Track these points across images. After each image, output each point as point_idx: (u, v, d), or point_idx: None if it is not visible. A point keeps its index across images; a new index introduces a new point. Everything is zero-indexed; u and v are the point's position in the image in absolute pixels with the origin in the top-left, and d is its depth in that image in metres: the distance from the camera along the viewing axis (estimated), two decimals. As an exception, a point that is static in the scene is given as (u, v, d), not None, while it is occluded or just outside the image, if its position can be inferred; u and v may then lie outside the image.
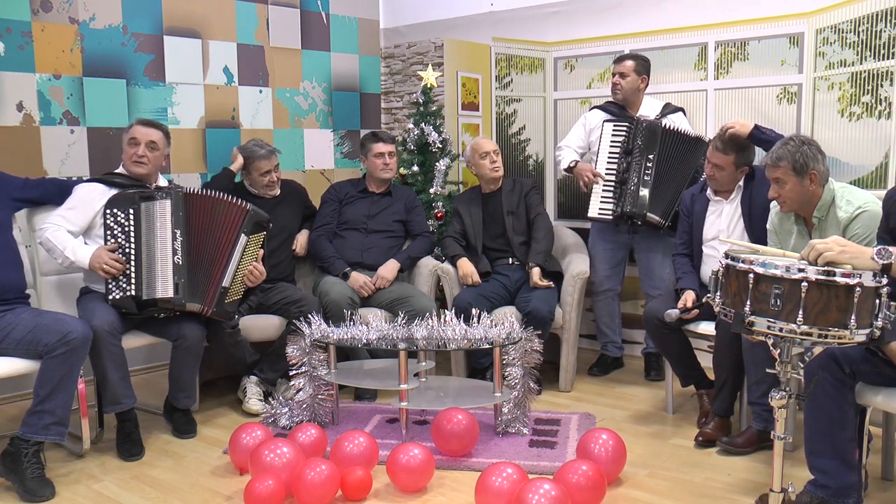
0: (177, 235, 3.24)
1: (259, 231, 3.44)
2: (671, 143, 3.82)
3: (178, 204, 3.26)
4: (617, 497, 2.77)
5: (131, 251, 3.22)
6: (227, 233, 3.35)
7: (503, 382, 3.31)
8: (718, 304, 2.25)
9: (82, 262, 3.17)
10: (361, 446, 2.86)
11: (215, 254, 3.33)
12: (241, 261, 3.37)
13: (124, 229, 3.23)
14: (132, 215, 3.24)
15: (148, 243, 3.23)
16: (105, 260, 3.15)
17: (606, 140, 3.95)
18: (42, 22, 3.88)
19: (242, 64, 4.68)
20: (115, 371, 3.11)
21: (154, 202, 3.25)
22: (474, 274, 3.99)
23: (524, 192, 4.17)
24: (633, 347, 4.45)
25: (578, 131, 4.18)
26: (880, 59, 3.54)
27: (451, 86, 5.03)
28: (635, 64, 3.96)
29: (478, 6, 4.90)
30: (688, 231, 3.55)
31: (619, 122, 3.93)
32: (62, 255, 3.17)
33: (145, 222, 3.24)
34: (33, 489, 2.79)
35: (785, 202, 2.83)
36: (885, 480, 2.85)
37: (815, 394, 2.44)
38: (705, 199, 3.48)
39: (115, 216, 3.23)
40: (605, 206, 3.91)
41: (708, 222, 3.46)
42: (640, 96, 4.02)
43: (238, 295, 3.42)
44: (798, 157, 2.74)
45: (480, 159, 4.12)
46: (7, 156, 3.79)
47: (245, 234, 3.37)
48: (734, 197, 3.41)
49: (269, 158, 3.94)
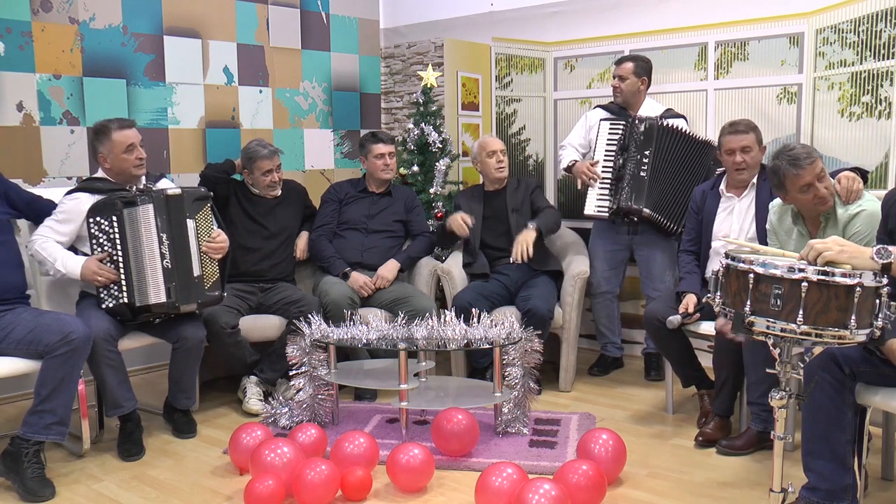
0: (163, 239, 3.19)
1: (202, 207, 3.33)
2: (668, 140, 3.82)
3: (160, 207, 3.20)
4: (617, 497, 2.77)
5: (119, 259, 3.19)
6: (180, 225, 3.26)
7: (503, 382, 3.31)
8: (718, 304, 2.25)
9: (73, 274, 3.15)
10: (361, 446, 2.86)
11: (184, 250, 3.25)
12: (200, 243, 3.30)
13: (110, 237, 3.20)
14: (116, 222, 3.20)
15: (135, 250, 3.20)
16: (95, 270, 3.14)
17: (603, 138, 3.95)
18: (42, 22, 3.88)
19: (242, 64, 4.68)
20: (114, 376, 3.11)
21: (136, 208, 3.20)
22: (465, 217, 4.01)
23: (529, 190, 4.18)
24: (633, 347, 4.45)
25: (580, 129, 4.19)
26: (880, 59, 3.54)
27: (451, 86, 5.03)
28: (634, 66, 3.96)
29: (478, 6, 4.90)
30: (696, 228, 3.54)
31: (615, 121, 3.94)
32: (53, 268, 3.17)
33: (130, 229, 3.21)
34: (33, 489, 2.79)
35: (826, 199, 2.75)
36: (885, 480, 2.85)
37: (814, 394, 2.44)
38: (717, 196, 3.47)
39: (99, 224, 3.20)
40: (602, 203, 3.91)
41: (719, 219, 3.45)
42: (641, 98, 4.02)
43: (214, 276, 3.35)
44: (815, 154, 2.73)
45: (487, 157, 4.11)
46: (7, 156, 3.79)
47: (190, 219, 3.27)
48: (747, 194, 3.40)
49: (271, 158, 3.94)
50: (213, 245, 3.34)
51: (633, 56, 4.03)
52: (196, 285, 3.26)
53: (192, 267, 3.26)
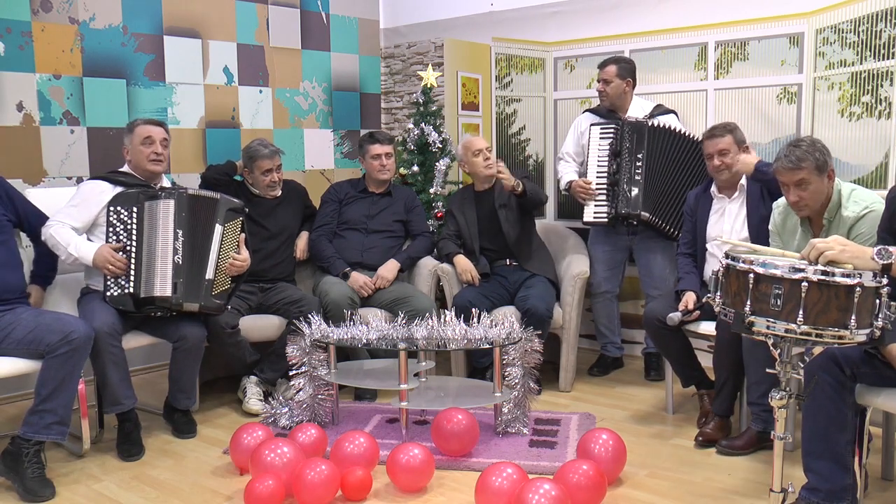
0: (178, 235, 3.24)
1: (234, 218, 3.42)
2: (659, 141, 3.83)
3: (181, 204, 3.26)
4: (617, 497, 2.77)
5: (132, 249, 3.22)
6: (204, 226, 3.33)
7: (503, 382, 3.31)
8: (718, 304, 2.25)
9: (86, 258, 3.17)
10: (361, 446, 2.86)
11: (202, 250, 3.31)
12: (221, 250, 3.35)
13: (126, 227, 3.23)
14: (135, 214, 3.25)
15: (149, 242, 3.24)
16: (108, 258, 3.16)
17: (595, 144, 3.95)
18: (42, 22, 3.88)
19: (242, 64, 4.68)
20: (116, 372, 3.11)
21: (157, 201, 3.26)
22: (472, 269, 3.98)
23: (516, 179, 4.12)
24: (633, 347, 4.45)
25: (573, 136, 4.19)
26: (880, 59, 3.54)
27: (451, 86, 5.03)
28: (617, 68, 3.96)
29: (478, 6, 4.90)
30: (691, 231, 3.55)
31: (605, 126, 3.94)
32: (66, 252, 3.18)
33: (148, 221, 3.25)
34: (33, 489, 2.79)
35: (807, 205, 2.77)
36: (885, 480, 2.85)
37: (815, 395, 2.44)
38: (709, 198, 3.49)
39: (119, 214, 3.24)
40: (600, 209, 3.91)
41: (711, 221, 3.46)
42: (628, 98, 4.01)
43: (225, 286, 3.39)
44: (818, 155, 2.72)
45: (473, 157, 4.06)
46: (7, 156, 3.79)
47: (220, 224, 3.35)
48: (737, 196, 3.41)
49: (271, 158, 3.94)
50: (237, 260, 3.41)
51: (616, 58, 4.02)
52: (204, 287, 3.29)
53: (205, 269, 3.29)
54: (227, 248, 3.39)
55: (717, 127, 3.38)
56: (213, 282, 3.33)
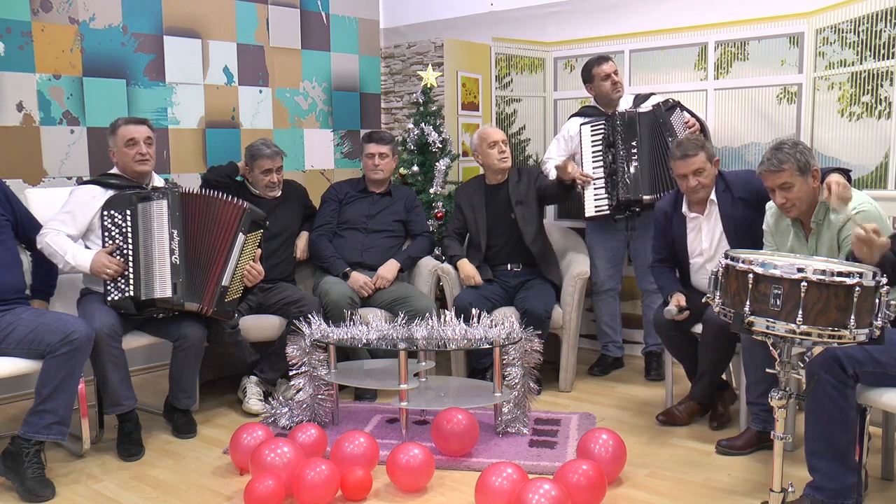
0: (174, 235, 3.24)
1: (256, 229, 3.45)
2: (650, 124, 3.82)
3: (174, 204, 3.26)
4: (617, 497, 2.77)
5: (129, 252, 3.22)
6: (224, 231, 3.35)
7: (503, 382, 3.31)
8: (718, 304, 2.25)
9: (83, 266, 3.17)
10: (361, 446, 2.86)
11: (213, 253, 3.33)
12: (240, 259, 3.38)
13: (122, 230, 3.23)
14: (129, 216, 3.24)
15: (145, 244, 3.23)
16: (104, 263, 3.16)
17: (587, 141, 3.95)
18: (42, 22, 3.88)
19: (242, 64, 4.68)
20: (116, 373, 3.11)
21: (151, 202, 3.25)
22: (476, 275, 3.96)
23: (533, 178, 4.08)
24: (633, 347, 4.45)
25: (558, 143, 4.17)
26: (880, 59, 3.54)
27: (451, 86, 5.03)
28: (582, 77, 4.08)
29: (478, 6, 4.90)
30: (665, 246, 3.50)
31: (594, 122, 3.95)
32: (63, 261, 3.17)
33: (142, 223, 3.24)
34: (33, 489, 2.79)
35: (794, 205, 2.77)
36: (885, 480, 2.85)
37: (816, 394, 2.44)
38: (682, 217, 3.43)
39: (113, 218, 3.23)
40: (601, 202, 3.91)
41: (690, 238, 3.42)
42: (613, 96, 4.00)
43: (237, 294, 3.42)
44: (799, 156, 2.72)
45: (489, 149, 4.01)
46: (7, 156, 3.79)
47: (243, 233, 3.37)
48: (710, 212, 3.35)
49: (272, 158, 3.94)
50: (253, 270, 3.43)
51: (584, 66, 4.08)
52: (219, 293, 3.31)
53: (215, 270, 3.32)
54: (246, 257, 3.41)
55: (688, 144, 3.25)
56: (228, 289, 3.34)
